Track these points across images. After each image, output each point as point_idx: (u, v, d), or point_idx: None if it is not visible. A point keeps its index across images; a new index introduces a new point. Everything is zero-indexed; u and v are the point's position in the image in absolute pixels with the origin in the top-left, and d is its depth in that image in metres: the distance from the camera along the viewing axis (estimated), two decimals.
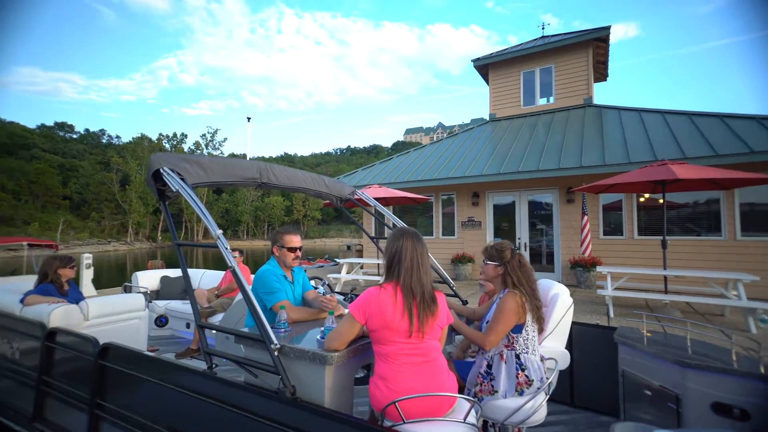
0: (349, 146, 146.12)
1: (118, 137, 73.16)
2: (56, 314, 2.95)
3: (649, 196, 8.03)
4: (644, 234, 8.16)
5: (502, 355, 2.05)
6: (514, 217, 9.69)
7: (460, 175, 9.53)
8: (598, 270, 6.80)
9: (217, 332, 3.31)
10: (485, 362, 2.10)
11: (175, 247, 2.16)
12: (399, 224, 2.73)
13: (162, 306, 5.23)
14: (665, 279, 5.90)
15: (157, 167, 2.19)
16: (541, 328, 2.11)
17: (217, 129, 64.22)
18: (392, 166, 11.89)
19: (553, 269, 9.10)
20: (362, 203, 3.71)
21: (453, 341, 2.82)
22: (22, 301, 3.21)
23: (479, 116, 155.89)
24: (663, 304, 6.09)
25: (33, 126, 63.03)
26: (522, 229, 9.56)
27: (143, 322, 3.66)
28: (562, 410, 3.04)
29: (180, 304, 5.18)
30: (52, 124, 67.97)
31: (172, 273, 5.90)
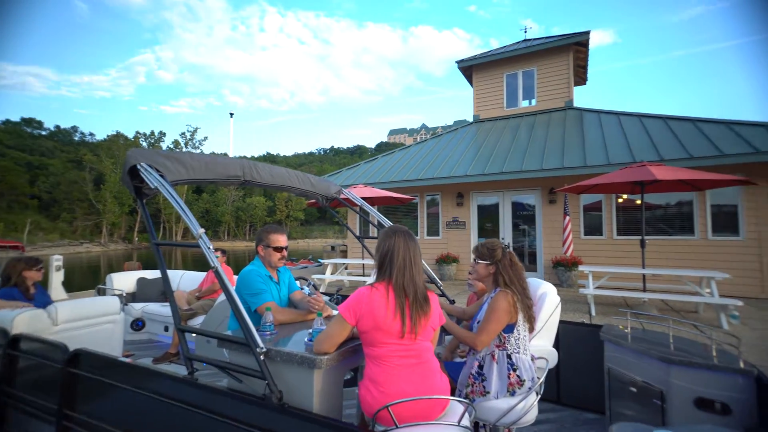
0: (332, 146, 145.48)
1: (91, 135, 70.15)
2: (20, 320, 2.79)
3: (627, 197, 8.27)
4: (622, 234, 8.39)
5: (493, 356, 2.03)
6: (497, 217, 9.80)
7: (445, 176, 9.58)
8: (580, 269, 6.94)
9: (197, 336, 3.18)
10: (476, 363, 2.07)
11: (153, 247, 2.05)
12: (386, 224, 2.68)
13: (138, 309, 5.02)
14: (644, 278, 6.07)
15: (134, 163, 2.08)
16: (532, 327, 2.10)
17: (197, 127, 62.73)
18: (377, 166, 11.85)
19: (536, 269, 9.26)
20: (349, 202, 3.65)
21: (443, 342, 2.79)
22: None
23: (462, 118, 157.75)
24: (642, 302, 6.26)
25: None
26: (505, 229, 9.69)
27: (118, 326, 3.51)
28: (548, 408, 3.06)
29: (158, 307, 4.99)
30: (18, 119, 64.79)
31: (150, 274, 5.68)
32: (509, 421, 1.93)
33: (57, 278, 5.81)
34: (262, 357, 1.62)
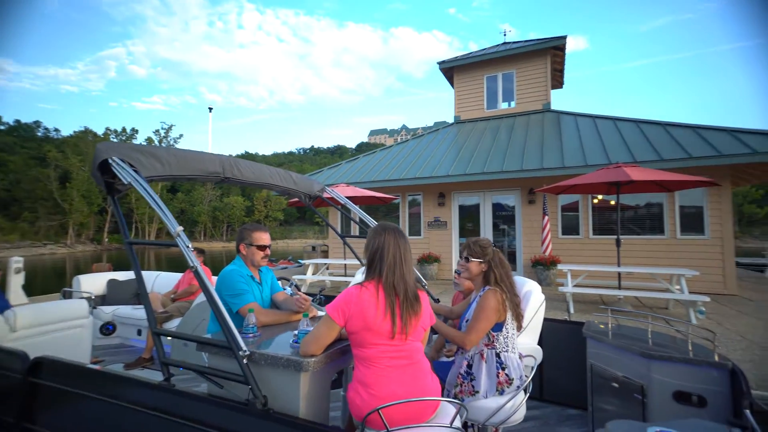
0: (312, 146, 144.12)
1: (56, 130, 66.33)
2: None
3: (602, 197, 8.54)
4: (598, 233, 8.66)
5: (482, 355, 2.02)
6: (478, 217, 9.92)
7: (426, 176, 9.61)
8: (558, 268, 7.09)
9: (173, 339, 3.03)
10: (465, 362, 2.06)
11: (126, 246, 1.92)
12: (370, 222, 2.63)
13: (109, 312, 4.77)
14: (619, 276, 6.27)
15: (104, 157, 1.94)
16: (519, 325, 2.10)
17: (172, 124, 60.58)
18: (359, 166, 11.77)
19: (515, 268, 9.42)
20: (333, 201, 3.58)
21: (430, 342, 2.77)
22: None
23: (442, 119, 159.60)
24: (617, 299, 6.47)
25: None
26: (486, 229, 9.81)
27: (86, 331, 3.31)
28: (532, 405, 3.09)
29: (130, 310, 4.75)
30: None
31: (121, 276, 5.41)
32: (498, 421, 1.92)
33: (16, 281, 5.44)
34: (245, 360, 1.55)
